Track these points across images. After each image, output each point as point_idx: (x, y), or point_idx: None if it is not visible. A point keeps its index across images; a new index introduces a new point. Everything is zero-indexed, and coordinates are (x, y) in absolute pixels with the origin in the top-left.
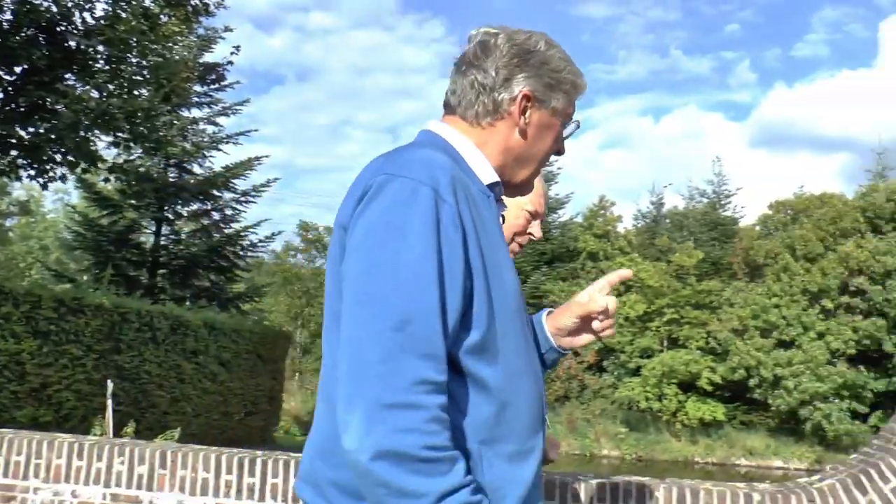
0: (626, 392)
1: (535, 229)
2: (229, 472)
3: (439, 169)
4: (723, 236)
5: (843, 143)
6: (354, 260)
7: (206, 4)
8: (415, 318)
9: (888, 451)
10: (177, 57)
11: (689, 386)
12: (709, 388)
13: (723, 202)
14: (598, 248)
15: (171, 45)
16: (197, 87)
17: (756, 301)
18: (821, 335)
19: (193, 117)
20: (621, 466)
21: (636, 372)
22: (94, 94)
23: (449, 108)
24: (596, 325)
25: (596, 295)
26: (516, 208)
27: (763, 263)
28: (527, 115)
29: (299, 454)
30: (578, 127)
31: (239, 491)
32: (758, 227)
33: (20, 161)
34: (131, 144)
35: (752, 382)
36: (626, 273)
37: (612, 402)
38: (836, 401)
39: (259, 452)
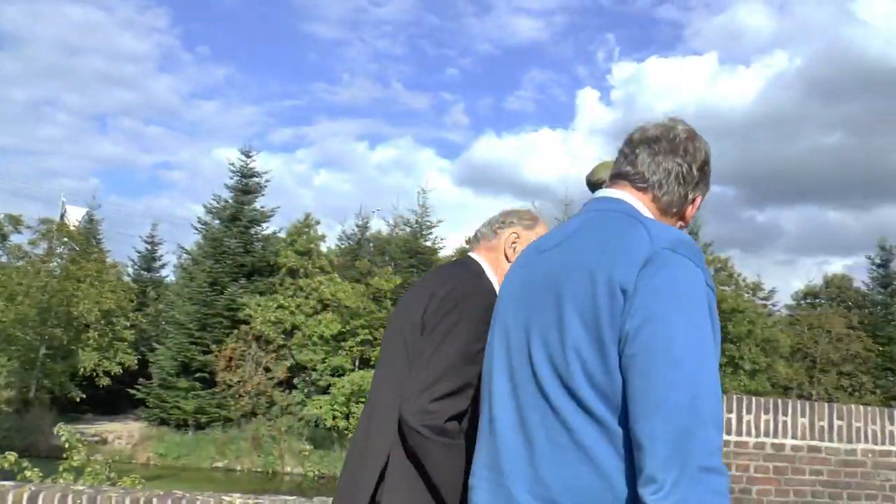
0: (314, 409)
1: None
2: None
3: (701, 254)
4: (421, 264)
5: (540, 192)
6: (658, 327)
7: None
8: (715, 392)
9: None
10: None
11: None
12: None
13: (424, 232)
14: (298, 265)
15: None
16: None
17: None
18: None
19: None
20: (303, 483)
21: (326, 390)
22: None
23: (641, 182)
24: None
25: None
26: None
27: None
28: (691, 210)
29: None
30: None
31: None
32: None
33: None
34: None
35: None
36: None
37: (300, 420)
38: None
39: None
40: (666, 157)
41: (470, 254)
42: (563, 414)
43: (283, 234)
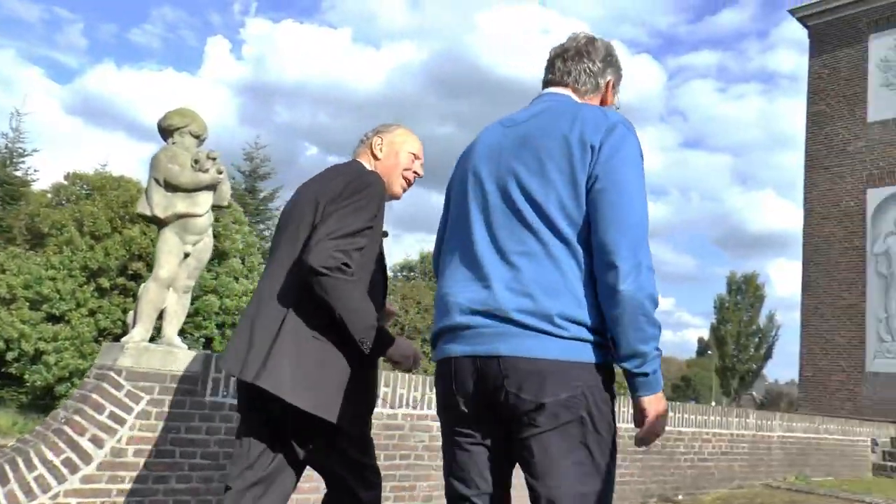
0: None
1: (418, 168)
2: None
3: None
4: (9, 197)
5: (155, 135)
6: (620, 174)
7: None
8: (647, 218)
9: (43, 439)
10: None
11: None
12: None
13: (15, 160)
14: None
15: None
16: None
17: (31, 271)
18: (92, 313)
19: None
20: None
21: None
22: None
23: (564, 83)
24: None
25: None
26: (405, 152)
27: (48, 233)
28: (610, 92)
29: None
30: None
31: None
32: (50, 195)
33: None
34: None
35: (10, 356)
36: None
37: None
38: None
39: None
40: (574, 62)
41: (354, 158)
42: (540, 234)
43: None
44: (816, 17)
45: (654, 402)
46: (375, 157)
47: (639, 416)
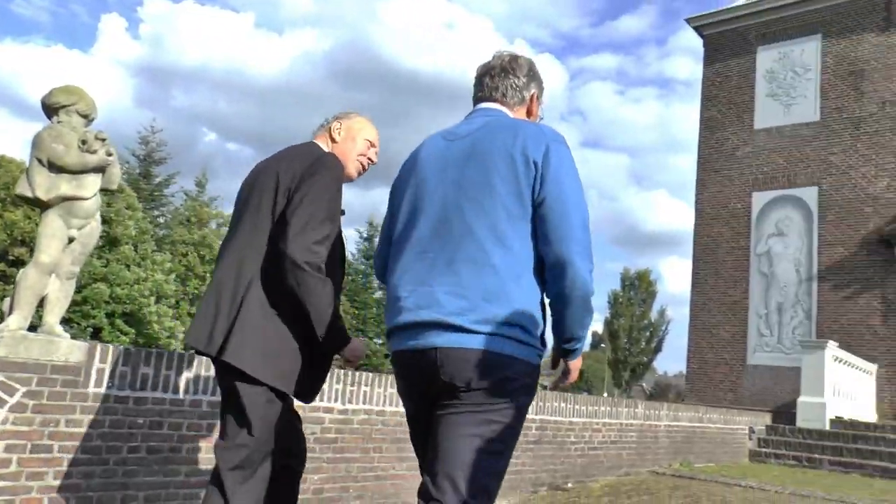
0: None
1: (373, 155)
2: None
3: None
4: None
5: (38, 114)
6: (564, 187)
7: None
8: (589, 225)
9: None
10: None
11: None
12: None
13: None
14: None
15: None
16: None
17: None
18: None
19: None
20: None
21: None
22: None
23: (493, 98)
24: None
25: None
26: (361, 138)
27: None
28: (535, 104)
29: None
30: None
31: None
32: None
33: None
34: None
35: None
36: None
37: None
38: None
39: None
40: (501, 78)
41: (312, 140)
42: (482, 242)
43: None
44: (711, 27)
45: (576, 363)
46: (333, 140)
47: (558, 366)
